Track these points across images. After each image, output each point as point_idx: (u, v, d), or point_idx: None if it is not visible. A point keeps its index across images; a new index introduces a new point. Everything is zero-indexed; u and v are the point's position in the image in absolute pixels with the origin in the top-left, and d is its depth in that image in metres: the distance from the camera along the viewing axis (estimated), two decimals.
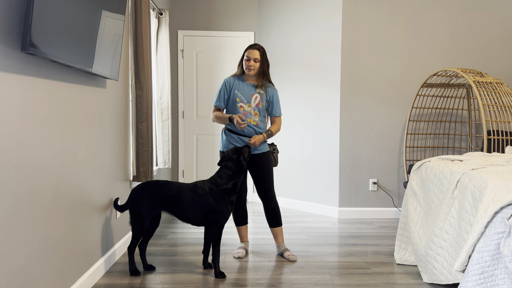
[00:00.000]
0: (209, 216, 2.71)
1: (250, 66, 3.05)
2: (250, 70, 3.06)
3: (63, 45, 1.93)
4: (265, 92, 3.11)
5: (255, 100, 3.08)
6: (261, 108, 3.10)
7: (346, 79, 4.38)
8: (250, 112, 3.08)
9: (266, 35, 5.04)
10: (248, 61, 3.05)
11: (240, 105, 3.07)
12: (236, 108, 3.08)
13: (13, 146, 1.72)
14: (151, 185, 2.71)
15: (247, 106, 3.07)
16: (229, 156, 2.82)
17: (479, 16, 4.44)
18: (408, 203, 2.97)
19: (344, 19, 4.34)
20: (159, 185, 2.71)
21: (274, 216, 3.21)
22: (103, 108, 2.76)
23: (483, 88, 3.62)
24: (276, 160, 3.22)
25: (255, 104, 3.08)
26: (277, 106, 3.18)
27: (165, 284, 2.60)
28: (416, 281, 2.70)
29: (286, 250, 3.15)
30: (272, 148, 3.21)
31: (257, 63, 3.05)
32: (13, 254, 1.74)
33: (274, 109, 3.17)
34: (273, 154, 3.19)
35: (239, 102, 3.08)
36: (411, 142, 4.42)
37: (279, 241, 3.21)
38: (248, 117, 3.07)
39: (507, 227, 1.87)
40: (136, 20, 3.28)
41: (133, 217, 2.69)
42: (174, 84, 5.11)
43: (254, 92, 3.10)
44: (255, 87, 3.11)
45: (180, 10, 5.09)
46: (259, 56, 3.05)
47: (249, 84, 3.12)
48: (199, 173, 5.22)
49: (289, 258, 3.07)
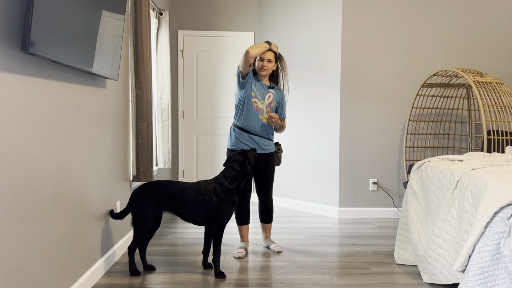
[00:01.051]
0: (212, 216, 2.71)
1: (264, 66, 3.10)
2: (263, 71, 3.11)
3: (63, 45, 1.93)
4: (277, 94, 3.21)
5: (268, 99, 3.16)
6: (272, 107, 3.18)
7: (346, 79, 4.38)
8: (263, 109, 3.15)
9: (266, 35, 5.04)
10: (261, 61, 3.10)
11: (254, 101, 3.13)
12: (250, 103, 3.13)
13: (13, 146, 1.72)
14: (154, 185, 2.70)
15: (261, 103, 3.14)
16: (235, 158, 2.84)
17: (479, 16, 4.43)
18: (408, 203, 2.97)
19: (344, 19, 4.34)
20: (162, 185, 2.70)
21: (268, 213, 3.35)
22: (103, 108, 2.76)
23: (483, 88, 3.62)
24: (279, 160, 3.33)
25: (268, 102, 3.16)
26: (284, 109, 3.29)
27: (165, 284, 2.60)
28: (416, 281, 2.70)
29: (272, 243, 3.34)
30: (277, 148, 3.31)
31: (270, 63, 3.11)
32: (13, 254, 1.74)
33: (282, 111, 3.27)
34: (277, 153, 3.29)
35: (253, 97, 3.13)
36: (411, 142, 4.42)
37: (267, 235, 3.41)
38: (260, 114, 3.14)
39: (507, 227, 1.87)
40: (136, 20, 3.28)
41: (136, 219, 2.68)
42: (174, 84, 5.11)
43: (268, 91, 3.18)
44: (268, 87, 3.19)
45: (180, 10, 5.09)
46: (273, 58, 3.12)
47: (263, 83, 3.18)
48: (199, 173, 5.22)
49: (275, 250, 3.26)
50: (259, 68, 3.11)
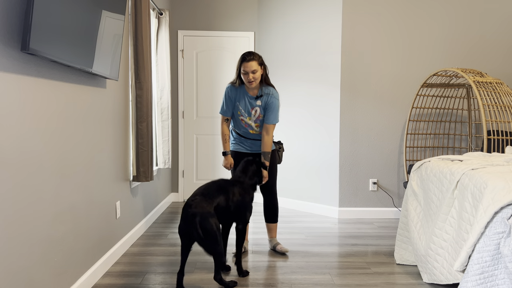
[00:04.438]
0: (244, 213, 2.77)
1: (250, 79, 2.95)
2: (251, 83, 2.98)
3: (63, 45, 1.93)
4: (265, 101, 3.05)
5: (255, 114, 3.09)
6: (261, 120, 3.12)
7: (346, 79, 4.38)
8: (251, 124, 3.11)
9: (266, 35, 5.04)
10: (246, 75, 2.94)
11: (241, 118, 3.11)
12: (238, 120, 3.13)
13: (13, 146, 1.72)
14: (202, 195, 2.54)
15: (248, 119, 3.10)
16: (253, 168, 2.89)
17: (479, 16, 4.43)
18: (408, 203, 2.97)
19: (344, 19, 4.34)
20: (213, 188, 2.61)
21: (273, 212, 3.30)
22: (103, 108, 2.76)
23: (483, 88, 3.62)
24: (280, 158, 3.29)
25: (255, 118, 3.10)
26: (270, 114, 3.04)
27: (165, 284, 2.60)
28: (416, 281, 2.70)
29: (278, 244, 3.26)
30: (278, 146, 3.27)
31: (256, 73, 2.95)
32: (13, 254, 1.74)
33: (267, 116, 3.06)
34: (278, 152, 3.25)
35: (240, 115, 3.11)
36: (411, 142, 4.42)
37: (273, 236, 3.33)
38: (250, 129, 3.13)
39: (507, 227, 1.87)
40: (136, 20, 3.28)
41: (215, 239, 2.38)
42: (174, 84, 5.11)
43: (255, 105, 3.07)
44: (256, 99, 3.07)
45: (180, 10, 5.09)
46: (257, 66, 2.94)
47: (250, 96, 3.07)
48: (199, 173, 5.22)
49: (281, 250, 3.20)
50: (247, 82, 2.97)
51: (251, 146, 3.17)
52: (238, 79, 3.04)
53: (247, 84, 3.01)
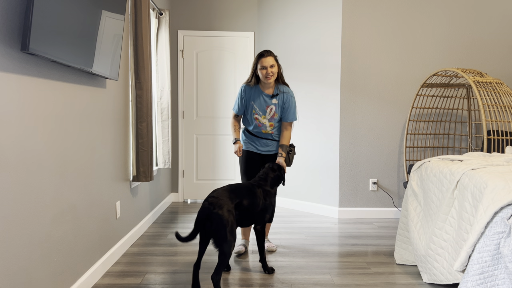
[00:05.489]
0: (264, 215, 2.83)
1: (269, 73, 3.03)
2: (269, 78, 3.04)
3: (63, 45, 1.93)
4: (281, 99, 3.12)
5: (270, 112, 3.13)
6: (276, 119, 3.15)
7: (346, 79, 4.38)
8: (265, 123, 3.14)
9: (266, 35, 5.04)
10: (264, 69, 3.03)
11: (256, 117, 3.14)
12: (252, 119, 3.15)
13: (13, 146, 1.72)
14: (228, 190, 2.59)
15: (262, 118, 3.13)
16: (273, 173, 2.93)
17: (479, 16, 4.43)
18: (408, 203, 2.97)
19: (344, 19, 4.34)
20: (241, 187, 2.69)
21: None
22: (103, 108, 2.76)
23: (483, 88, 3.62)
24: (290, 161, 3.23)
25: (270, 116, 3.13)
26: (289, 111, 3.13)
27: (165, 284, 2.60)
28: (416, 281, 2.70)
29: (267, 241, 3.36)
30: (289, 149, 3.22)
31: (274, 68, 3.05)
32: (13, 254, 1.74)
33: (286, 115, 3.14)
34: (289, 154, 3.20)
35: (254, 114, 3.14)
36: (411, 142, 4.42)
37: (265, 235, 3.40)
38: (263, 128, 3.15)
39: (507, 227, 1.87)
40: (136, 20, 3.28)
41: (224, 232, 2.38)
42: (174, 84, 5.11)
43: (270, 104, 3.12)
44: (271, 98, 3.12)
45: (180, 10, 5.09)
46: (274, 62, 3.05)
47: (266, 95, 3.12)
48: (199, 173, 5.22)
49: (267, 249, 3.27)
50: (264, 77, 3.03)
51: (263, 146, 3.19)
52: (254, 77, 3.11)
53: (264, 80, 3.06)
